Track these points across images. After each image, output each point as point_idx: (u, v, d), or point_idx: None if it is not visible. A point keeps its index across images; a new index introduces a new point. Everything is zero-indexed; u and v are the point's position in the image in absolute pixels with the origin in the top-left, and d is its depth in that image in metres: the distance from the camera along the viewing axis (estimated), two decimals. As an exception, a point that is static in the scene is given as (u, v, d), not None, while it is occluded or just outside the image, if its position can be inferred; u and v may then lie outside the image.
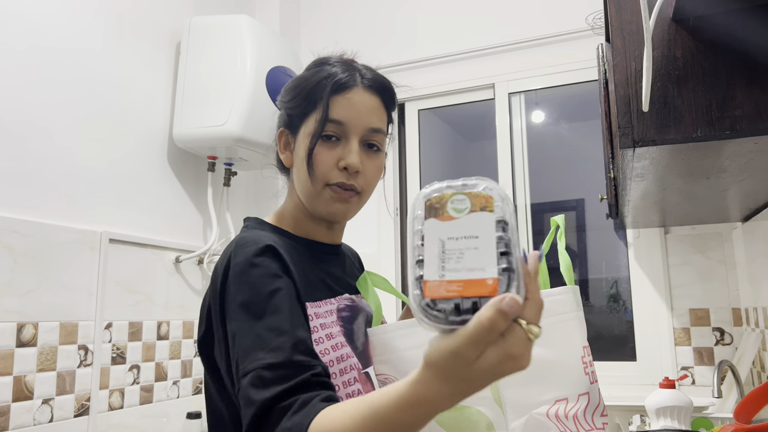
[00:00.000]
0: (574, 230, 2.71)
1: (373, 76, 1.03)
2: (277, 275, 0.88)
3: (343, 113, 0.98)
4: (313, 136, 0.98)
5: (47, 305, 1.72)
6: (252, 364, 0.79)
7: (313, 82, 1.00)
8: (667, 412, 1.59)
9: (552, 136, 2.79)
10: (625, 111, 0.96)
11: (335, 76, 0.99)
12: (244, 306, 0.85)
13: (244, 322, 0.84)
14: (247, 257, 0.89)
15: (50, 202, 1.77)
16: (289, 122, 1.04)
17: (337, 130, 0.98)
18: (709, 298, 2.14)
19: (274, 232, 1.01)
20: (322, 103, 0.98)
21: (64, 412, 1.74)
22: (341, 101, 0.98)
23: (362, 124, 0.99)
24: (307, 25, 2.91)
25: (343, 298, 1.02)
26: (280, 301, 0.85)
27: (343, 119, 0.98)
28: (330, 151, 0.98)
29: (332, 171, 0.98)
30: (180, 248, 2.21)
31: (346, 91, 0.99)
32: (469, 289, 0.57)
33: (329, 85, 0.98)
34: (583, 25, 2.35)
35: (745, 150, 1.00)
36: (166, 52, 2.26)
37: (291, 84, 1.05)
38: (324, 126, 0.97)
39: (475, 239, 0.59)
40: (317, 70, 1.02)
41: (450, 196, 0.62)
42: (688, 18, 0.95)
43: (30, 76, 1.75)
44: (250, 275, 0.87)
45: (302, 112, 1.01)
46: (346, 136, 0.99)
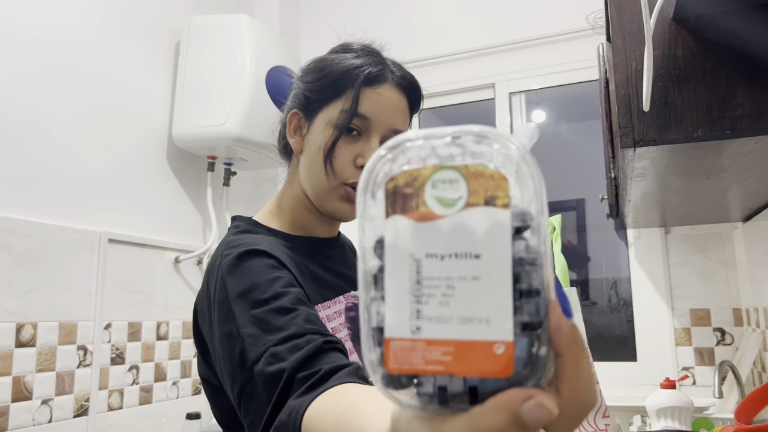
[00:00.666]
0: (574, 230, 2.71)
1: (403, 74, 0.98)
2: (276, 266, 0.83)
3: (372, 108, 0.92)
4: (337, 127, 0.92)
5: (46, 305, 1.71)
6: (260, 348, 0.73)
7: (342, 69, 0.93)
8: (667, 412, 1.59)
9: (552, 136, 2.78)
10: (625, 111, 0.96)
11: (367, 67, 0.93)
12: (242, 296, 0.79)
13: (244, 313, 0.77)
14: (240, 252, 0.83)
15: (49, 202, 1.77)
16: (306, 105, 0.97)
17: (360, 125, 0.93)
18: (710, 298, 2.14)
19: (269, 234, 0.94)
20: (352, 93, 0.92)
21: (63, 413, 1.73)
22: (371, 95, 0.93)
23: (387, 123, 0.94)
24: (307, 24, 2.90)
25: (350, 297, 0.96)
26: (281, 287, 0.80)
27: (369, 115, 0.92)
28: (349, 146, 0.92)
29: (349, 167, 0.92)
30: (179, 248, 2.20)
31: (377, 85, 0.93)
32: (462, 361, 0.32)
33: (362, 75, 0.92)
34: (584, 25, 2.34)
35: (745, 150, 1.00)
36: (166, 51, 2.26)
37: (315, 65, 0.98)
38: (351, 119, 0.91)
39: (475, 260, 0.33)
40: (344, 57, 0.95)
41: (430, 173, 0.35)
42: (689, 17, 0.95)
43: (29, 76, 1.75)
44: (246, 267, 0.81)
45: (324, 97, 0.94)
46: (367, 132, 0.93)
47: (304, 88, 0.97)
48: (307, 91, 0.97)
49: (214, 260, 0.88)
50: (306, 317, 0.76)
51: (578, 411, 0.33)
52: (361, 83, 0.92)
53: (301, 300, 0.79)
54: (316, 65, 0.98)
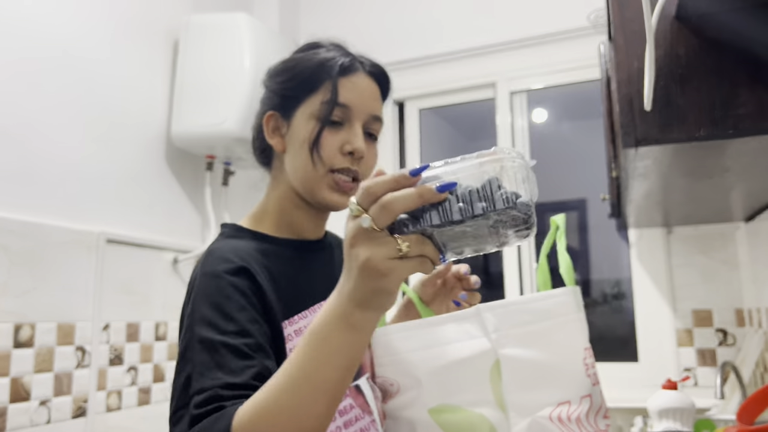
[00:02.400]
0: (576, 230, 2.70)
1: (371, 63, 1.01)
2: (245, 294, 0.85)
3: (350, 96, 0.95)
4: (320, 119, 0.94)
5: (44, 306, 1.71)
6: (207, 382, 0.76)
7: (316, 63, 0.96)
8: (669, 413, 1.58)
9: (554, 136, 2.78)
10: (627, 110, 0.95)
11: (339, 59, 0.96)
12: (206, 319, 0.82)
13: (203, 337, 0.80)
14: (215, 271, 0.86)
15: (47, 203, 1.76)
16: (281, 104, 0.99)
17: (342, 114, 0.95)
18: (712, 299, 2.13)
19: (253, 238, 0.96)
20: (329, 84, 0.95)
21: (61, 414, 1.73)
22: (347, 84, 0.96)
23: (366, 110, 0.97)
24: (306, 22, 2.89)
25: None
26: (247, 321, 0.82)
27: (349, 103, 0.95)
28: (334, 136, 0.95)
29: (336, 156, 0.94)
30: (178, 248, 2.20)
31: (351, 75, 0.96)
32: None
33: (336, 66, 0.95)
34: (585, 24, 2.33)
35: (748, 149, 0.99)
36: (164, 50, 2.25)
37: (283, 65, 1.01)
38: (333, 109, 0.94)
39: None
40: (315, 52, 0.99)
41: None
42: (691, 16, 0.94)
43: (27, 76, 1.74)
44: (218, 287, 0.84)
45: (300, 93, 0.97)
46: (350, 120, 0.96)
47: (277, 88, 1.00)
48: (282, 90, 0.99)
49: (195, 269, 0.91)
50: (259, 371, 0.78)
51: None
52: (337, 74, 0.95)
53: (261, 347, 0.81)
54: (286, 65, 1.01)
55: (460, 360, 0.95)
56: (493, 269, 2.80)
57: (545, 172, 2.77)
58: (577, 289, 1.00)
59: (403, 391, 0.98)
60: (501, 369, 0.94)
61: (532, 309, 0.96)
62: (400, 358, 0.97)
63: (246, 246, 0.92)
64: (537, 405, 0.93)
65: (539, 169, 0.64)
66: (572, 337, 0.97)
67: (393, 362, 0.98)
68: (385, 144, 2.66)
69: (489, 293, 2.81)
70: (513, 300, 0.98)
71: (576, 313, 0.98)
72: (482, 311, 0.96)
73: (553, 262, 1.00)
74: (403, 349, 0.97)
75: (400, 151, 2.75)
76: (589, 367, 0.97)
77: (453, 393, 0.95)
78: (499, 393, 0.93)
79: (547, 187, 2.63)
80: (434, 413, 0.94)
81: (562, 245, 1.03)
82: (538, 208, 0.61)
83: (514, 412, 0.92)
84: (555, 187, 2.74)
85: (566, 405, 0.94)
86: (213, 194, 2.34)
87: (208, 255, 0.90)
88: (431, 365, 0.95)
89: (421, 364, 0.96)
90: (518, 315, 0.96)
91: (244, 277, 0.86)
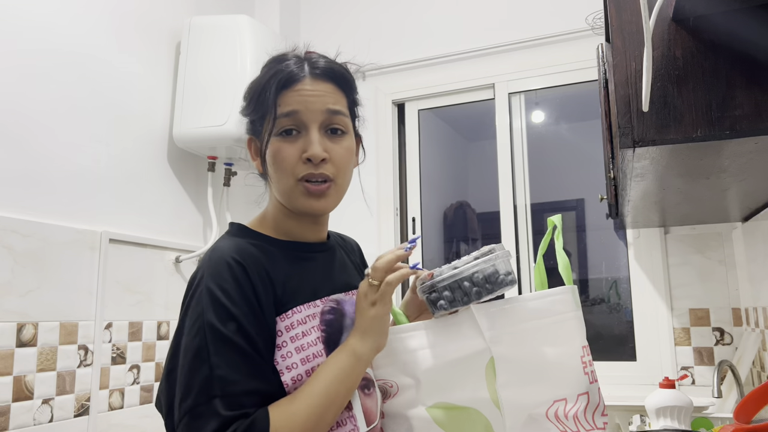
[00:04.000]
0: (574, 230, 2.71)
1: (325, 65, 1.01)
2: (246, 292, 0.89)
3: (296, 105, 0.97)
4: (267, 134, 0.98)
5: (47, 305, 1.72)
6: (228, 388, 0.84)
7: (262, 84, 1.00)
8: (667, 412, 1.59)
9: (552, 136, 2.79)
10: (625, 111, 0.96)
11: (281, 73, 0.98)
12: (216, 321, 0.87)
13: (215, 339, 0.86)
14: (219, 269, 0.90)
15: (50, 202, 1.77)
16: (252, 128, 1.04)
17: (293, 123, 0.97)
18: (709, 298, 2.14)
19: (255, 237, 1.00)
20: (271, 101, 0.98)
21: (64, 412, 1.74)
22: (290, 95, 0.97)
23: (317, 109, 0.97)
24: (307, 25, 2.91)
25: (329, 300, 1.00)
26: (251, 322, 0.88)
27: (294, 109, 0.97)
28: (292, 146, 0.97)
29: (297, 165, 0.96)
30: (180, 248, 2.21)
31: (293, 85, 0.98)
32: None
33: (274, 83, 0.98)
34: (583, 25, 2.35)
35: (745, 150, 1.00)
36: (166, 52, 2.26)
37: (245, 90, 1.05)
38: (275, 123, 0.97)
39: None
40: (266, 71, 1.02)
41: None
42: (688, 18, 0.95)
43: (30, 76, 1.75)
44: (222, 290, 0.88)
45: (260, 116, 1.01)
46: (304, 126, 0.97)
47: (245, 114, 1.05)
48: (248, 116, 1.04)
49: (200, 264, 0.95)
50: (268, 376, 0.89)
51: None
52: (275, 90, 0.97)
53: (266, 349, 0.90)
54: (246, 89, 1.05)
55: (456, 359, 0.96)
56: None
57: (543, 173, 2.79)
58: (574, 288, 1.01)
59: (402, 391, 0.99)
60: (495, 366, 0.95)
61: (529, 307, 0.98)
62: (398, 359, 0.99)
63: (247, 245, 0.96)
64: (533, 402, 0.94)
65: (538, 169, 0.66)
66: (570, 334, 0.98)
67: (392, 363, 0.99)
68: (385, 144, 2.67)
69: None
70: (510, 299, 0.99)
71: (574, 311, 0.99)
72: (475, 311, 0.97)
73: (552, 261, 1.01)
74: (401, 350, 0.99)
75: (400, 151, 2.76)
76: (586, 364, 0.98)
77: (450, 391, 0.96)
78: (494, 391, 0.94)
79: (545, 187, 2.64)
80: (432, 411, 0.96)
81: (560, 244, 1.04)
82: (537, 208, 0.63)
83: (508, 408, 0.93)
84: (553, 187, 2.75)
85: (563, 402, 0.95)
86: (215, 194, 2.35)
87: (212, 253, 0.94)
88: (429, 365, 0.97)
89: (418, 364, 0.97)
90: (514, 313, 0.97)
91: (245, 274, 0.90)
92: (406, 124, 2.76)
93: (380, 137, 2.68)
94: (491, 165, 2.57)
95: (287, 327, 0.92)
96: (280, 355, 0.90)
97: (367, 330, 0.93)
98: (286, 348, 0.91)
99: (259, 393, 0.86)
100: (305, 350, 0.92)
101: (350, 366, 0.91)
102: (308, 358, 0.92)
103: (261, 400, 0.86)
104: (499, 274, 0.97)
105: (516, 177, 2.53)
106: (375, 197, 2.63)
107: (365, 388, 0.98)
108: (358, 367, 0.92)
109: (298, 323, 0.93)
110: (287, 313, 0.93)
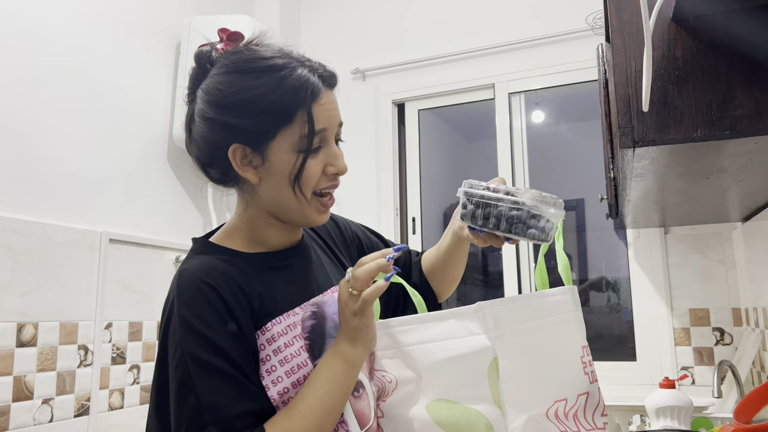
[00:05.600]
0: (574, 230, 2.71)
1: (326, 72, 0.97)
2: (221, 313, 0.87)
3: (324, 122, 0.93)
4: (303, 151, 0.92)
5: (47, 305, 1.72)
6: (218, 415, 0.82)
7: (280, 94, 0.91)
8: (667, 412, 1.59)
9: (552, 136, 2.79)
10: (625, 111, 0.96)
11: (308, 85, 0.92)
12: (194, 348, 0.85)
13: (197, 366, 0.84)
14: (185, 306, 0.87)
15: (50, 202, 1.77)
16: (249, 139, 0.92)
17: (319, 140, 0.94)
18: (709, 298, 2.14)
19: (223, 253, 0.96)
20: (303, 115, 0.91)
21: (64, 412, 1.74)
22: (319, 110, 0.93)
23: (337, 123, 0.97)
24: (307, 24, 2.91)
25: (308, 305, 0.97)
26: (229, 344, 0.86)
27: (324, 126, 0.94)
28: (315, 161, 0.94)
29: (321, 180, 0.95)
30: (180, 248, 2.21)
31: (319, 98, 0.93)
32: None
33: (307, 95, 0.91)
34: (583, 25, 2.35)
35: (745, 150, 1.00)
36: (167, 52, 2.26)
37: (243, 96, 0.91)
38: (311, 140, 0.92)
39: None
40: (279, 79, 0.92)
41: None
42: (688, 18, 0.95)
43: (31, 76, 1.75)
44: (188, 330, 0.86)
45: (271, 128, 0.91)
46: (326, 140, 0.95)
47: (241, 122, 0.92)
48: (248, 125, 0.92)
49: (170, 292, 0.92)
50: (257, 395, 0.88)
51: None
52: (309, 105, 0.92)
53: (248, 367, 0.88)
54: (246, 96, 0.92)
55: (459, 356, 0.96)
56: (492, 269, 2.81)
57: (543, 173, 2.79)
58: (574, 288, 1.01)
59: (401, 386, 0.99)
60: (499, 366, 0.95)
61: (530, 307, 0.97)
62: (400, 351, 0.99)
63: (216, 261, 0.92)
64: (534, 402, 0.94)
65: (538, 169, 0.66)
66: (570, 334, 0.98)
67: (394, 355, 0.99)
68: (385, 144, 2.67)
69: (488, 292, 2.82)
70: (512, 298, 0.99)
71: (573, 312, 0.99)
72: (483, 308, 0.97)
73: (552, 261, 1.01)
74: (404, 343, 0.99)
75: (400, 151, 2.76)
76: (586, 365, 0.98)
77: (451, 388, 0.96)
78: (496, 390, 0.94)
79: (546, 187, 2.63)
80: (432, 409, 0.96)
81: (560, 245, 1.04)
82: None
83: (511, 409, 0.93)
84: (553, 187, 2.75)
85: (563, 402, 0.95)
86: (214, 194, 2.35)
87: (180, 277, 0.90)
88: (431, 360, 0.97)
89: (421, 358, 0.97)
90: (517, 313, 0.97)
91: (217, 295, 0.87)
92: (406, 124, 2.76)
93: (380, 137, 2.68)
94: (491, 165, 2.57)
95: (269, 340, 0.90)
96: (265, 370, 0.89)
97: (354, 337, 0.91)
98: (270, 362, 0.89)
99: (251, 413, 0.85)
100: (289, 362, 0.90)
101: (343, 374, 0.90)
102: (293, 369, 0.90)
103: (254, 420, 0.85)
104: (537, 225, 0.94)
105: (516, 177, 2.53)
106: (375, 197, 2.63)
107: (354, 391, 0.96)
108: (352, 374, 0.91)
109: (279, 335, 0.91)
110: (267, 326, 0.91)
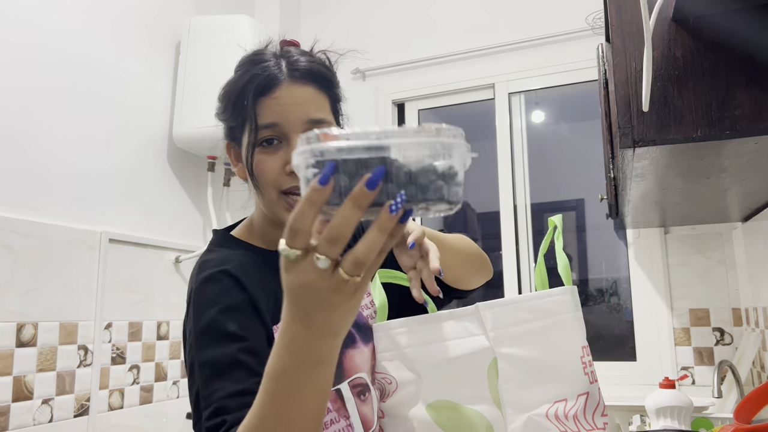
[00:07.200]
0: (574, 230, 2.71)
1: (304, 66, 0.93)
2: (238, 305, 0.86)
3: (274, 115, 0.90)
4: (249, 146, 0.91)
5: (47, 305, 1.72)
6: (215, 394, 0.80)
7: (238, 89, 0.92)
8: (667, 412, 1.59)
9: (552, 136, 2.79)
10: (625, 111, 0.96)
11: (256, 78, 0.90)
12: (203, 333, 0.85)
13: (204, 353, 0.84)
14: (208, 286, 0.87)
15: (50, 202, 1.77)
16: (230, 134, 0.97)
17: (274, 133, 0.90)
18: (709, 298, 2.14)
19: (241, 247, 0.96)
20: (250, 110, 0.90)
21: (63, 412, 1.74)
22: (269, 103, 0.90)
23: (298, 120, 0.90)
24: (307, 24, 2.90)
25: None
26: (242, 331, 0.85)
27: (275, 121, 0.90)
28: (272, 156, 0.90)
29: (281, 177, 0.90)
30: (180, 248, 2.21)
31: (272, 91, 0.90)
32: None
33: (251, 89, 0.90)
34: (583, 25, 2.35)
35: (745, 150, 1.00)
36: (166, 51, 2.26)
37: (221, 92, 0.97)
38: (257, 135, 0.90)
39: None
40: (242, 73, 0.94)
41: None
42: (688, 18, 0.95)
43: (30, 76, 1.75)
44: (211, 306, 0.86)
45: (239, 122, 0.93)
46: (286, 136, 0.90)
47: (221, 118, 0.98)
48: (225, 120, 0.97)
49: (190, 282, 0.92)
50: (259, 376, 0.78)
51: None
52: (252, 98, 0.90)
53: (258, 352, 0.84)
54: (222, 91, 0.97)
55: (458, 357, 0.96)
56: (492, 268, 2.80)
57: (543, 173, 2.79)
58: (574, 288, 1.01)
59: (402, 387, 0.99)
60: (498, 367, 0.95)
61: (530, 307, 0.97)
62: (400, 353, 0.99)
63: (235, 256, 0.92)
64: (534, 403, 0.94)
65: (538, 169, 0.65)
66: (570, 335, 0.98)
67: (394, 357, 0.99)
68: (384, 145, 2.66)
69: (488, 292, 2.82)
70: (511, 298, 0.99)
71: (573, 312, 0.99)
72: (481, 309, 0.97)
73: (552, 262, 1.01)
74: (403, 344, 0.99)
75: (400, 151, 2.75)
76: (586, 365, 0.98)
77: (451, 389, 0.96)
78: (496, 391, 0.94)
79: (545, 187, 2.64)
80: (432, 410, 0.95)
81: (560, 245, 1.04)
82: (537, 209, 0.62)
83: (510, 409, 0.93)
84: (553, 187, 2.75)
85: (563, 402, 0.95)
86: (214, 194, 2.35)
87: (201, 268, 0.90)
88: (431, 361, 0.96)
89: (420, 360, 0.97)
90: (516, 313, 0.97)
91: (236, 288, 0.87)
92: (406, 124, 2.76)
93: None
94: (491, 165, 2.57)
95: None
96: None
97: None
98: None
99: (246, 393, 0.82)
100: None
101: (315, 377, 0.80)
102: None
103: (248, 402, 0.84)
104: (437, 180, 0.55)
105: (516, 177, 2.53)
106: (375, 197, 2.62)
107: (361, 395, 0.95)
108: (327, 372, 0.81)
109: None
110: (278, 326, 0.91)
